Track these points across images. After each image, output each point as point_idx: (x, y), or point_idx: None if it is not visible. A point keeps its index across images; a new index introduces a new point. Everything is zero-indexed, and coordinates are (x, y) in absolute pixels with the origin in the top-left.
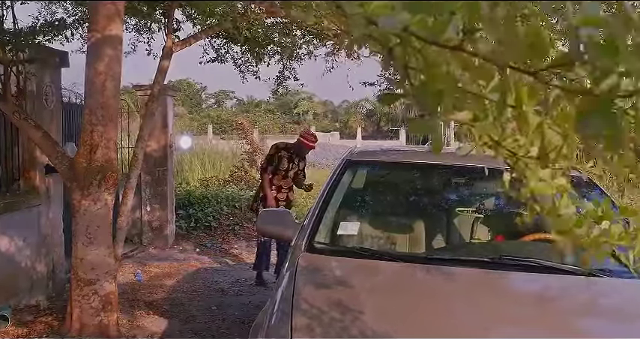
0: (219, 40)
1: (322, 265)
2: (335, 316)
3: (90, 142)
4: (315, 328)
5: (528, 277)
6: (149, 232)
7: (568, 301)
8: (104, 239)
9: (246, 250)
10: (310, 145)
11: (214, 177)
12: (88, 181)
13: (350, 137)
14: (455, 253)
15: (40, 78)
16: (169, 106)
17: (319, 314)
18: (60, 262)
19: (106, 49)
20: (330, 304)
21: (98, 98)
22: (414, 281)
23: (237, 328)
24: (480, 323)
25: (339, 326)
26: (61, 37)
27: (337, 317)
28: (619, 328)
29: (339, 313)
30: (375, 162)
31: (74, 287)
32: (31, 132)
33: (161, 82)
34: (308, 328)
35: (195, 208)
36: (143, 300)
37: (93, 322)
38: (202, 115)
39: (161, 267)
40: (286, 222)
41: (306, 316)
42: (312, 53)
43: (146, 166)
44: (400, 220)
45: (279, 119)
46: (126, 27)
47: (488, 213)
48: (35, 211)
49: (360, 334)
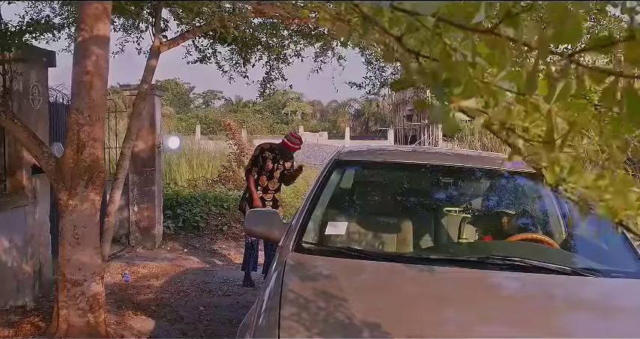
0: (207, 40)
1: (310, 265)
2: (322, 316)
3: (77, 142)
4: (303, 328)
5: (515, 277)
6: (137, 232)
7: (554, 300)
8: (91, 240)
9: (234, 251)
10: (293, 147)
11: (202, 177)
12: (74, 182)
13: (338, 137)
14: (443, 252)
15: (26, 77)
16: (157, 106)
17: (306, 314)
18: (47, 262)
19: (93, 49)
20: (317, 303)
21: (85, 98)
22: (402, 281)
23: (225, 328)
24: (467, 322)
25: (326, 326)
26: (47, 36)
27: (324, 317)
28: (604, 326)
29: (326, 312)
30: (363, 162)
31: (61, 288)
32: (18, 132)
33: (149, 82)
34: (295, 328)
35: (183, 209)
36: (131, 300)
37: (80, 323)
38: (190, 115)
39: (149, 267)
40: (274, 222)
41: (293, 315)
42: (299, 54)
43: (134, 166)
44: (388, 220)
45: (267, 119)
46: (114, 27)
47: (475, 213)
48: (22, 211)
49: (347, 334)
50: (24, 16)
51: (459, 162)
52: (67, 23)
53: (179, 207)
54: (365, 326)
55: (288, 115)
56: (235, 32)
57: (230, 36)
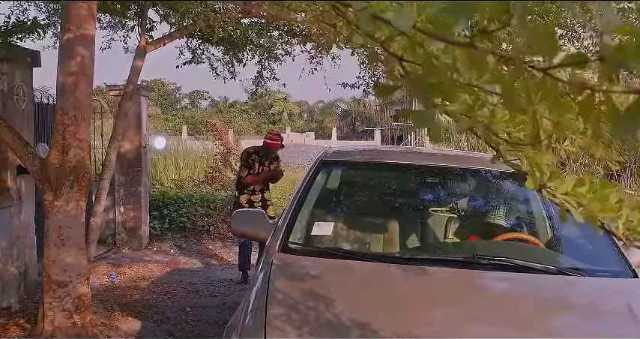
0: (195, 40)
1: (296, 265)
2: (309, 316)
3: (62, 142)
4: (289, 328)
5: (501, 276)
6: (123, 233)
7: (540, 300)
8: (77, 240)
9: (220, 251)
10: (274, 143)
11: (189, 178)
12: (60, 182)
13: (325, 137)
14: (429, 252)
15: (11, 77)
16: (143, 106)
17: (293, 314)
18: (32, 263)
19: (78, 49)
20: (304, 303)
21: (70, 98)
22: (388, 281)
23: (211, 329)
24: (453, 322)
25: (313, 326)
26: (33, 36)
27: (311, 317)
28: (590, 326)
29: (313, 312)
30: (349, 162)
31: (46, 289)
32: (2, 132)
33: (134, 82)
34: (281, 328)
35: (170, 209)
36: (117, 302)
37: (66, 324)
38: (177, 115)
39: (135, 268)
40: (260, 223)
41: (279, 316)
42: (290, 53)
43: (120, 167)
44: (374, 220)
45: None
46: (100, 24)
47: (461, 213)
48: (7, 212)
49: (334, 334)
50: (9, 16)
51: (445, 162)
52: (53, 22)
53: (165, 207)
54: (352, 326)
55: (274, 116)
56: (221, 33)
57: (216, 36)
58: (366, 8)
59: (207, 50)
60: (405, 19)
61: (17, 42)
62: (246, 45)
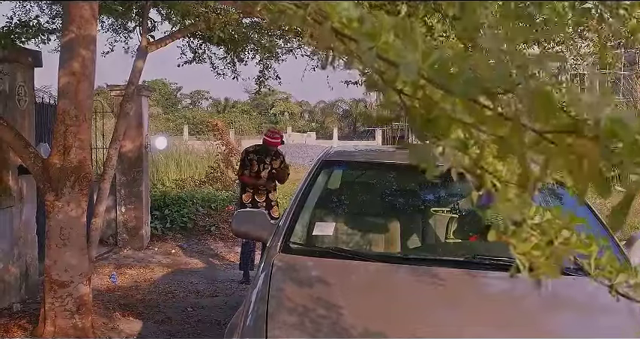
0: (197, 40)
1: (298, 266)
2: (310, 317)
3: (63, 142)
4: (290, 329)
5: (502, 276)
6: (124, 233)
7: (541, 299)
8: (78, 241)
9: (222, 251)
10: (273, 141)
11: (190, 178)
12: (61, 183)
13: (326, 137)
14: (430, 252)
15: (12, 78)
16: (144, 107)
17: (294, 315)
18: (33, 264)
19: (79, 50)
20: (305, 304)
21: (72, 98)
22: (389, 281)
23: (213, 329)
24: (454, 322)
25: (314, 326)
26: (37, 40)
27: (312, 317)
28: (590, 326)
29: (314, 313)
30: (350, 162)
31: (48, 290)
32: (4, 133)
33: (136, 82)
34: (283, 329)
35: (171, 209)
36: (118, 302)
37: (67, 325)
38: (178, 115)
39: (136, 268)
40: (261, 223)
41: (281, 316)
42: (291, 51)
43: (121, 167)
44: (376, 220)
45: (255, 119)
46: (101, 26)
47: (462, 213)
48: (8, 212)
49: (335, 334)
50: (12, 17)
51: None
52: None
53: (167, 208)
54: (353, 326)
55: (276, 116)
56: (221, 33)
57: (217, 36)
58: (372, 48)
59: (208, 50)
60: (410, 67)
61: (20, 45)
62: (247, 45)
